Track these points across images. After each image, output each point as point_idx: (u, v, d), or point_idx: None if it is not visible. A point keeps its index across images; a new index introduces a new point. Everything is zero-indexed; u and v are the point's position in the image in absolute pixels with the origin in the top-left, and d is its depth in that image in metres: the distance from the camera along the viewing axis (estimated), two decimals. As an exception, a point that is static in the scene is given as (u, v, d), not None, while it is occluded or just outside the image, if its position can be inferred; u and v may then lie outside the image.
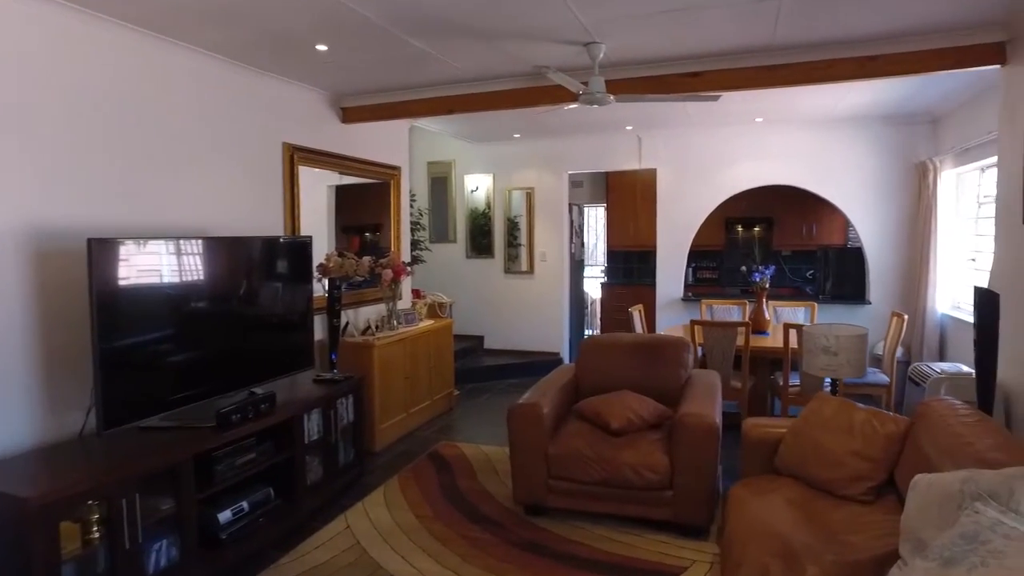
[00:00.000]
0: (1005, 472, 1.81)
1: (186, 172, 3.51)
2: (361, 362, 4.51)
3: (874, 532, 2.23)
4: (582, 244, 8.03)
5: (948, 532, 1.70)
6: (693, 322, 4.60)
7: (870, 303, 6.01)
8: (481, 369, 6.83)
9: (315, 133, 4.59)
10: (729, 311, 5.83)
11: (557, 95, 4.01)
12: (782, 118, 5.88)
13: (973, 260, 5.20)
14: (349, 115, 4.84)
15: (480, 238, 7.45)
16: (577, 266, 7.67)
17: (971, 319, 4.99)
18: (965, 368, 4.02)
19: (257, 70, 3.99)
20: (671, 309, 6.69)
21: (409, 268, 5.26)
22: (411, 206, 6.51)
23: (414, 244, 6.56)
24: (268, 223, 4.15)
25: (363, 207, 5.53)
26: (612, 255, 9.38)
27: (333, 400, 3.80)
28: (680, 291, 6.71)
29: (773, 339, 4.82)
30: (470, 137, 7.07)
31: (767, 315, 5.05)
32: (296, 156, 4.34)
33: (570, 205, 7.31)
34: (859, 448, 2.63)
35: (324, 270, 4.30)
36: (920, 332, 5.56)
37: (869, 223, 6.01)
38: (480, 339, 7.49)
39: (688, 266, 8.78)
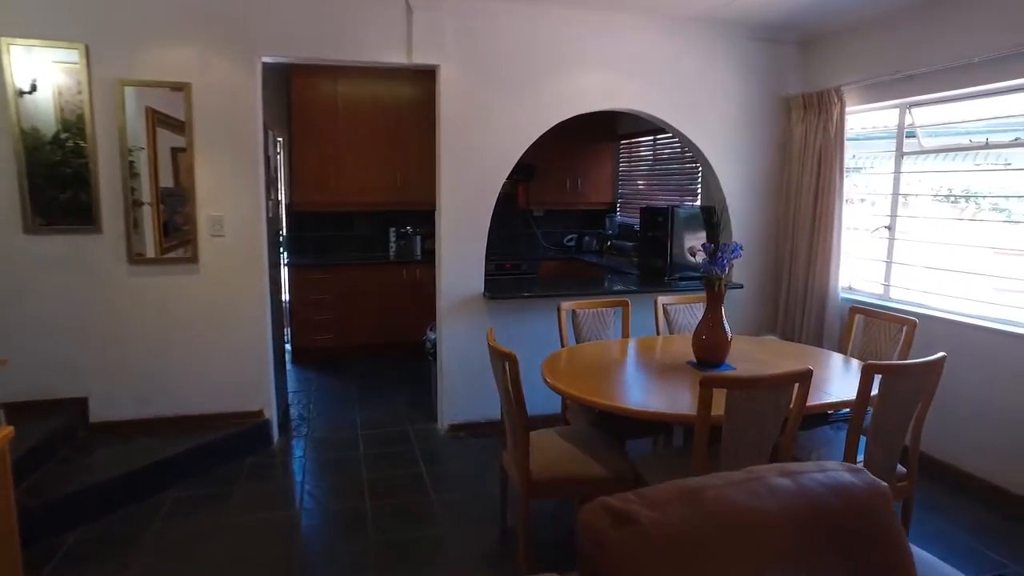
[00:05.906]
0: None
1: None
2: None
3: None
4: (278, 202, 4.59)
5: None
6: (706, 381, 2.10)
7: (740, 286, 4.39)
8: (90, 490, 3.01)
9: None
10: (602, 319, 3.49)
11: None
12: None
13: (887, 228, 3.95)
14: None
15: (56, 190, 3.41)
16: (275, 241, 4.26)
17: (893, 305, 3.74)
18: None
19: None
20: (469, 317, 3.97)
21: None
22: None
23: None
24: None
25: None
26: (298, 220, 6.04)
27: None
28: (480, 283, 4.02)
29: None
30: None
31: (728, 332, 2.85)
32: None
33: (265, 129, 3.86)
34: None
35: None
36: (809, 325, 4.18)
37: (734, 174, 4.35)
38: (81, 405, 3.53)
39: (415, 234, 6.15)
